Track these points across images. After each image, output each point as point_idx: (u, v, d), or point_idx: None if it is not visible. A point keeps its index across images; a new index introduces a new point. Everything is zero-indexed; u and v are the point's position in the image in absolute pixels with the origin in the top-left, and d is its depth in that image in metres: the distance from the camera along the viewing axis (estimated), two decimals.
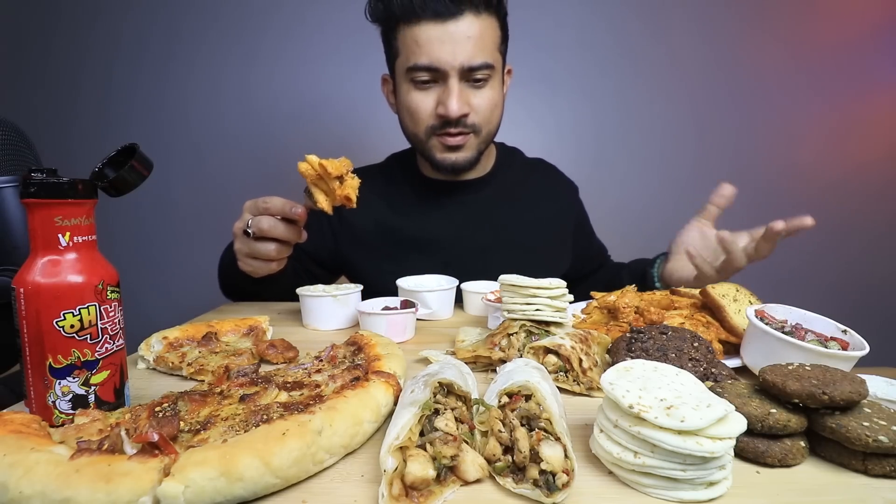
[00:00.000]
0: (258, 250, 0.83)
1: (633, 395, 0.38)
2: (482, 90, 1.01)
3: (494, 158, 1.21)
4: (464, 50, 0.95)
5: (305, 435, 0.38)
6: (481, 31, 0.96)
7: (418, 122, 1.03)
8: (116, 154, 0.51)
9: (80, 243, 0.45)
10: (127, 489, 0.32)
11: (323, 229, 1.14)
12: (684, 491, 0.36)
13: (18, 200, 0.92)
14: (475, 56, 0.95)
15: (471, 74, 0.98)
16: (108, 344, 0.47)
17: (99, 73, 1.96)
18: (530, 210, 1.18)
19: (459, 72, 0.96)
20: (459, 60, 0.95)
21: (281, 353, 0.65)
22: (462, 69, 0.96)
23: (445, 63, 0.95)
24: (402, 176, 1.20)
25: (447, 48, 0.94)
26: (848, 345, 0.56)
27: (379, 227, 1.13)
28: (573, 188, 1.29)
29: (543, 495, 0.35)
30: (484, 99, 1.01)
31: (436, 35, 0.94)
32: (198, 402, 0.45)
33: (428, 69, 0.97)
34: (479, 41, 0.96)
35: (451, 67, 0.95)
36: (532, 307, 0.63)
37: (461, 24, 0.94)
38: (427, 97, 1.00)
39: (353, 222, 1.13)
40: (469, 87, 1.00)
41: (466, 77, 0.98)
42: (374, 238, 1.13)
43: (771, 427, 0.41)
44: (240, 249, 0.86)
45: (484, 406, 0.42)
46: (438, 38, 0.94)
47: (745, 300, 0.72)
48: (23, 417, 0.40)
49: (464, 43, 0.94)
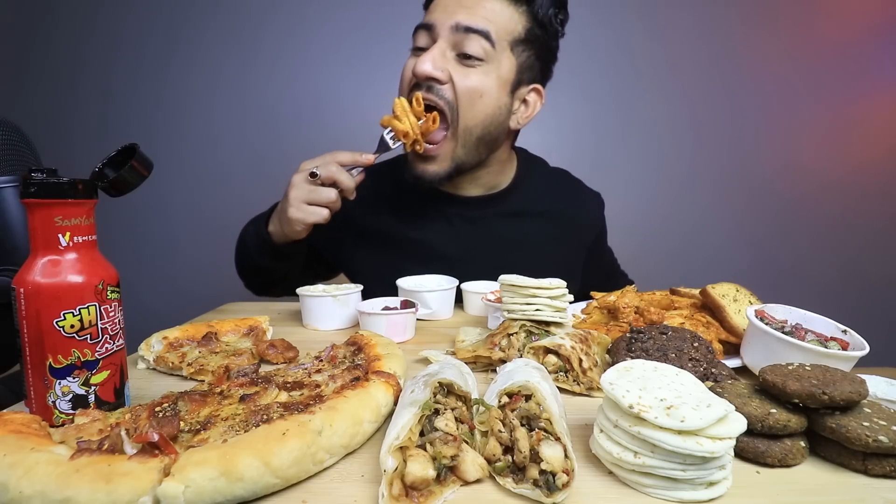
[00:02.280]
0: (319, 194, 0.87)
1: (633, 395, 0.38)
2: (471, 69, 0.91)
3: (514, 173, 1.12)
4: (462, 9, 0.89)
5: (305, 435, 0.38)
6: (494, 8, 0.90)
7: (401, 90, 0.96)
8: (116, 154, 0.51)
9: (80, 243, 0.45)
10: (127, 489, 0.32)
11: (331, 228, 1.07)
12: (684, 491, 0.36)
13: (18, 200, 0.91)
14: (472, 18, 0.88)
15: (463, 42, 0.89)
16: (108, 344, 0.47)
17: (99, 73, 1.96)
18: (547, 232, 1.10)
19: (451, 31, 0.89)
20: (454, 18, 0.88)
21: (281, 353, 0.65)
22: (454, 27, 0.88)
23: (437, 19, 0.90)
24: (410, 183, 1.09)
25: (449, 7, 0.90)
26: (848, 345, 0.56)
27: (383, 232, 1.08)
28: (598, 203, 1.20)
29: (543, 495, 0.35)
30: (469, 79, 0.90)
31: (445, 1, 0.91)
32: (198, 402, 0.45)
33: (424, 27, 0.92)
34: (487, 13, 0.89)
35: (442, 25, 0.89)
36: (532, 307, 0.62)
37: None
38: (411, 61, 0.94)
39: (359, 222, 1.08)
40: (458, 62, 0.91)
41: (459, 47, 0.90)
42: (377, 242, 1.08)
43: (771, 427, 0.41)
44: (296, 196, 0.87)
45: (484, 406, 0.42)
46: (445, 2, 0.91)
47: (745, 300, 0.72)
48: (23, 417, 0.40)
49: (468, 5, 0.89)
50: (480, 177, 1.06)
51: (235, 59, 1.95)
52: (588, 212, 1.18)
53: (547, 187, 1.15)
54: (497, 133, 0.98)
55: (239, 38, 1.94)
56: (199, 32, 1.94)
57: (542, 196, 1.12)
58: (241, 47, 1.94)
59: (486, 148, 0.99)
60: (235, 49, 1.95)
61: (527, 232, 1.09)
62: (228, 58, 1.95)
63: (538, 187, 1.13)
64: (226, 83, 1.97)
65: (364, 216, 1.08)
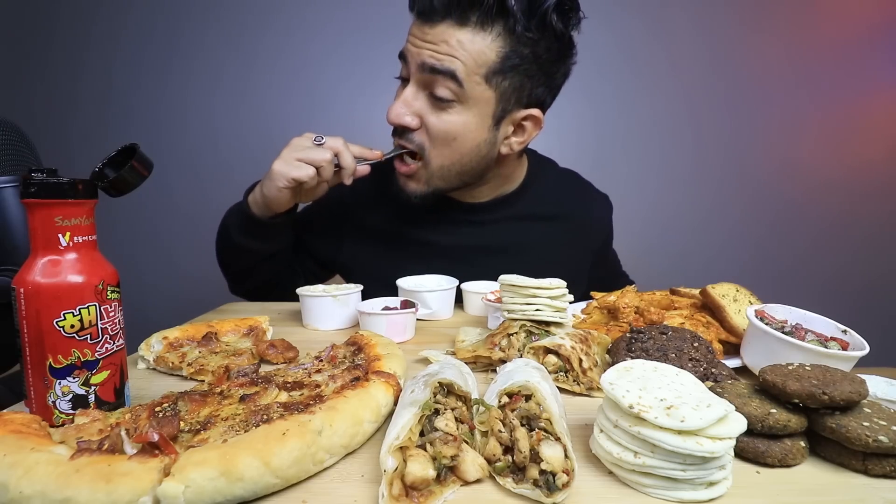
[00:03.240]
0: (313, 153, 0.86)
1: (633, 395, 0.38)
2: (443, 113, 0.88)
3: (524, 175, 1.10)
4: (427, 46, 0.84)
5: (305, 435, 0.38)
6: (458, 40, 0.83)
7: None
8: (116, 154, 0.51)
9: (80, 243, 0.45)
10: (127, 489, 0.32)
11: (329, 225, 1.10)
12: (684, 491, 0.36)
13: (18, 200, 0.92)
14: (437, 58, 0.84)
15: (433, 84, 0.86)
16: (108, 344, 0.47)
17: (99, 73, 1.96)
18: (556, 234, 1.09)
19: (419, 69, 0.86)
20: (420, 57, 0.85)
21: (281, 353, 0.65)
22: (421, 66, 0.86)
23: (409, 53, 0.88)
24: None
25: (417, 41, 0.86)
26: (848, 345, 0.56)
27: (386, 232, 1.07)
28: (607, 206, 1.19)
29: (543, 495, 0.35)
30: (442, 121, 0.88)
31: (413, 33, 0.88)
32: (198, 402, 0.45)
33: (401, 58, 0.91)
34: (449, 48, 0.83)
35: (413, 61, 0.87)
36: (532, 307, 0.63)
37: (438, 28, 0.84)
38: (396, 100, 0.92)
39: (362, 221, 1.08)
40: (429, 104, 0.88)
41: (429, 87, 0.87)
42: (380, 241, 1.07)
43: (771, 427, 0.41)
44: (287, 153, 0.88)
45: (484, 406, 0.42)
46: (415, 34, 0.87)
47: (745, 300, 0.72)
48: (23, 417, 0.40)
49: (436, 44, 0.84)
50: (482, 187, 1.04)
51: (235, 60, 1.95)
52: (596, 215, 1.17)
53: (556, 190, 1.13)
54: (481, 165, 0.95)
55: (239, 38, 1.94)
56: (199, 33, 1.94)
57: (552, 199, 1.11)
58: (242, 48, 1.94)
59: (471, 176, 0.97)
60: (235, 49, 1.95)
61: (535, 235, 1.08)
62: (228, 58, 1.95)
63: (547, 190, 1.11)
64: (226, 83, 1.97)
65: (367, 215, 1.08)
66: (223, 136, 1.99)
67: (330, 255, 1.12)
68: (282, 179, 0.87)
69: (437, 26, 0.84)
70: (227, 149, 2.00)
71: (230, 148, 2.00)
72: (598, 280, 1.15)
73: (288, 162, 0.87)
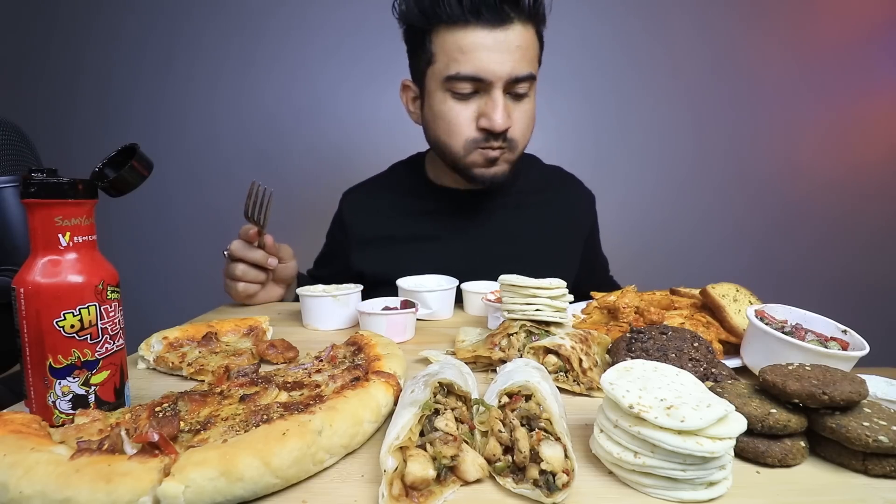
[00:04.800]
0: (228, 269, 0.94)
1: (633, 395, 0.38)
2: (522, 103, 0.97)
3: None
4: (512, 59, 0.90)
5: (305, 435, 0.38)
6: (528, 42, 0.92)
7: (457, 134, 0.97)
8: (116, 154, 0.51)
9: (80, 243, 0.45)
10: (127, 489, 0.32)
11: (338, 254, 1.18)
12: (684, 491, 0.36)
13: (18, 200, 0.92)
14: (522, 67, 0.91)
15: (514, 87, 0.93)
16: (108, 344, 0.47)
17: (99, 73, 1.97)
18: (545, 221, 1.15)
19: (505, 83, 0.91)
20: (507, 70, 0.90)
21: (281, 353, 0.65)
22: (509, 80, 0.91)
23: (492, 73, 0.90)
24: (409, 185, 1.17)
25: (496, 57, 0.89)
26: (848, 345, 0.56)
27: (386, 236, 1.12)
28: (590, 198, 1.25)
29: (543, 495, 0.35)
30: (523, 113, 0.98)
31: (485, 43, 0.88)
32: (198, 402, 0.45)
33: (473, 79, 0.91)
34: (526, 52, 0.92)
35: (498, 78, 0.90)
36: (532, 307, 0.62)
37: (510, 32, 0.89)
38: (467, 108, 0.95)
39: (361, 235, 1.14)
40: (510, 100, 0.95)
41: (509, 89, 0.94)
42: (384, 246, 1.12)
43: (771, 427, 0.41)
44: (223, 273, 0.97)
45: (484, 406, 0.42)
46: (487, 46, 0.88)
47: (745, 300, 0.72)
48: (23, 417, 0.40)
49: (513, 52, 0.89)
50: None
51: (235, 60, 1.95)
52: (583, 202, 1.24)
53: (542, 180, 1.21)
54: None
55: (239, 38, 1.94)
56: (199, 33, 1.94)
57: (539, 188, 1.19)
58: (242, 48, 1.95)
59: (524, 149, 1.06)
60: (236, 49, 1.95)
61: (526, 223, 1.14)
62: (228, 58, 1.95)
63: (534, 181, 1.19)
64: (226, 83, 1.97)
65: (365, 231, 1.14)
66: (223, 136, 1.99)
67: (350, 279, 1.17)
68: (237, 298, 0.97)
69: (509, 31, 0.89)
70: (226, 149, 2.00)
71: (230, 148, 2.00)
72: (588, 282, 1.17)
73: (226, 285, 0.97)
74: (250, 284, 0.95)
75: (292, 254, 1.02)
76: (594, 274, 1.26)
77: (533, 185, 1.18)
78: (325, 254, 1.24)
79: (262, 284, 0.98)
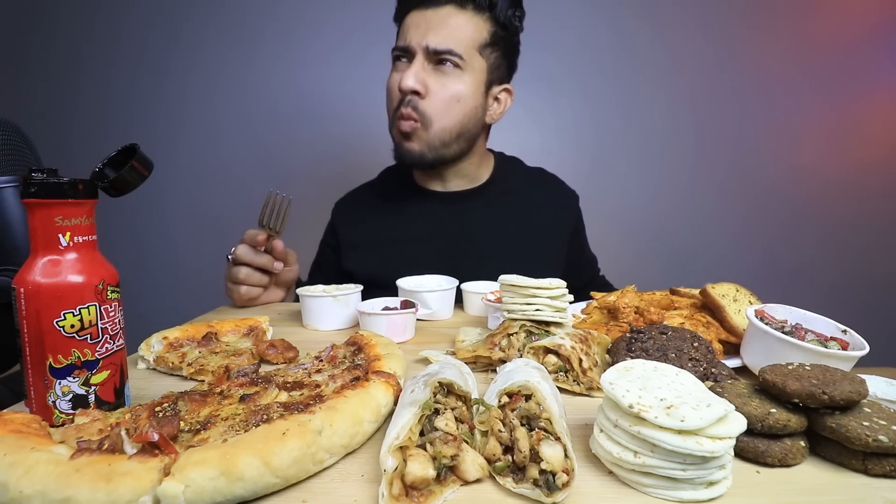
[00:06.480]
0: (231, 273, 0.95)
1: (633, 395, 0.38)
2: (445, 77, 1.01)
3: (492, 168, 1.22)
4: (432, 32, 0.98)
5: (305, 435, 0.38)
6: (460, 23, 0.99)
7: (389, 101, 1.06)
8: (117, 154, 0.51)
9: (80, 243, 0.45)
10: (127, 489, 0.32)
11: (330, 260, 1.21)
12: (684, 491, 0.36)
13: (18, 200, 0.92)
14: (441, 41, 0.98)
15: (437, 61, 1.00)
16: (109, 344, 0.47)
17: (99, 73, 1.96)
18: (528, 219, 1.17)
19: (424, 52, 0.99)
20: (425, 40, 0.99)
21: (281, 353, 0.65)
22: (426, 49, 0.99)
23: (414, 42, 1.00)
24: (396, 187, 1.22)
25: (420, 30, 0.99)
26: (848, 345, 0.56)
27: (375, 238, 1.16)
28: (573, 196, 1.27)
29: (543, 495, 0.35)
30: (442, 86, 1.01)
31: (416, 20, 1.01)
32: (198, 402, 0.45)
33: (401, 49, 1.02)
34: (454, 30, 0.99)
35: (417, 45, 0.99)
36: (532, 307, 0.62)
37: (440, 11, 0.99)
38: (397, 75, 1.04)
39: (350, 241, 1.17)
40: (433, 71, 1.01)
41: (432, 60, 1.00)
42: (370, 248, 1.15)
43: (771, 427, 0.41)
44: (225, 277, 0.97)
45: (484, 406, 0.42)
46: (416, 22, 1.00)
47: (745, 300, 0.72)
48: (23, 417, 0.40)
49: (435, 27, 0.99)
50: (463, 168, 1.16)
51: (236, 59, 1.95)
52: (565, 201, 1.26)
53: (525, 179, 1.24)
54: (475, 129, 1.09)
55: (239, 37, 1.94)
56: (198, 32, 1.94)
57: (522, 187, 1.22)
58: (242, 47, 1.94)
59: (466, 142, 1.10)
60: (236, 49, 1.95)
61: (509, 222, 1.16)
62: (229, 58, 1.95)
63: (517, 179, 1.23)
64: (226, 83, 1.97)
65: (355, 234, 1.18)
66: (223, 135, 1.99)
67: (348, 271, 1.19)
68: (239, 302, 0.97)
69: (440, 10, 0.99)
70: (226, 149, 2.00)
71: (230, 148, 2.00)
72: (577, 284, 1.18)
73: (227, 289, 0.97)
74: (253, 288, 0.96)
75: (297, 258, 1.04)
76: (582, 271, 1.26)
77: (515, 185, 1.21)
78: (317, 262, 1.28)
79: (265, 288, 0.98)
